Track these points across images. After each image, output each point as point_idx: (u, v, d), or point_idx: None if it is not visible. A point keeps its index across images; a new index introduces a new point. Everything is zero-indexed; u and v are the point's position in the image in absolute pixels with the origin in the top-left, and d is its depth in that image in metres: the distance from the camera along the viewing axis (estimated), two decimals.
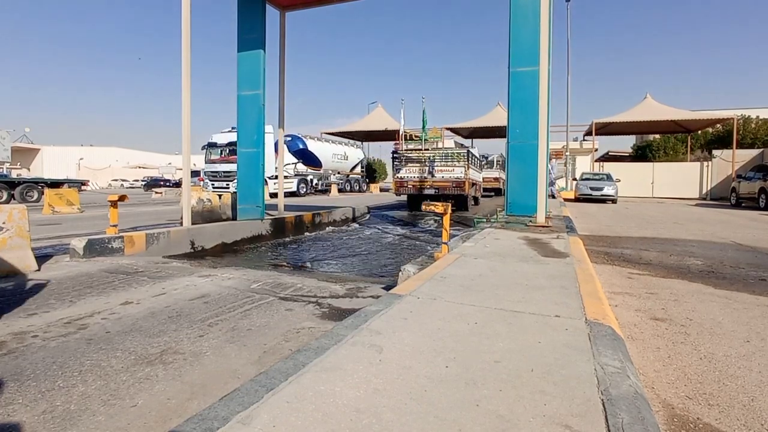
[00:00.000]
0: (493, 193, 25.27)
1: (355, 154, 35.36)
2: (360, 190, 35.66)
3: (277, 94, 10.56)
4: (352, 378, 1.86)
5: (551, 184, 16.67)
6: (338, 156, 32.45)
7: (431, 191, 15.10)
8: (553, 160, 18.78)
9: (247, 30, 9.47)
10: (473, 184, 16.14)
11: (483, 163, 21.73)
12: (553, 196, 16.62)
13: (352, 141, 38.26)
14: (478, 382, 1.85)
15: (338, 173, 32.97)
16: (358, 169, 36.51)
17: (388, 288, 4.28)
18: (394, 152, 16.49)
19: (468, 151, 15.84)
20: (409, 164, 15.59)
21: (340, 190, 31.77)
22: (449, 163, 15.06)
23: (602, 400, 1.69)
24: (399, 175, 15.81)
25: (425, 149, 16.16)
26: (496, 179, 24.74)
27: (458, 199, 14.90)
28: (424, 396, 1.72)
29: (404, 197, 16.71)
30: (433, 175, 15.10)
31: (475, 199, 17.14)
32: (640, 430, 1.48)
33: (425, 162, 15.34)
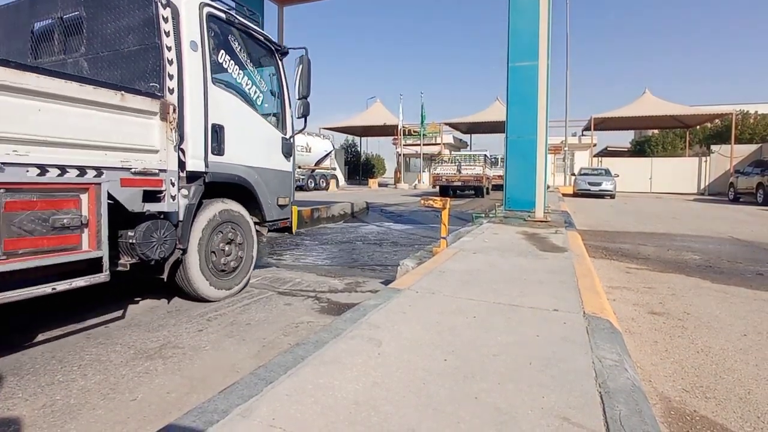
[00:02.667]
0: (497, 188, 26.42)
1: (321, 145, 30.45)
2: (327, 187, 29.18)
3: None
4: (351, 371, 1.87)
5: None
6: (298, 148, 28.15)
7: (459, 183, 20.79)
8: None
9: None
10: (488, 178, 21.65)
11: (492, 162, 25.01)
12: None
13: (319, 132, 33.18)
14: (476, 375, 1.86)
15: (299, 167, 27.32)
16: (327, 163, 31.41)
17: (386, 282, 4.29)
18: (432, 155, 24.65)
19: (485, 155, 22.04)
20: (444, 164, 21.82)
21: (301, 188, 26.25)
22: (471, 163, 20.93)
23: (600, 392, 1.70)
24: (436, 171, 21.58)
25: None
26: (500, 177, 25.62)
27: (477, 189, 21.03)
28: (423, 389, 1.73)
29: (406, 196, 20.74)
30: (460, 172, 20.62)
31: (487, 190, 22.00)
32: (637, 423, 1.49)
33: (455, 162, 21.38)
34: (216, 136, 3.60)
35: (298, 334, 3.11)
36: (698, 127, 32.26)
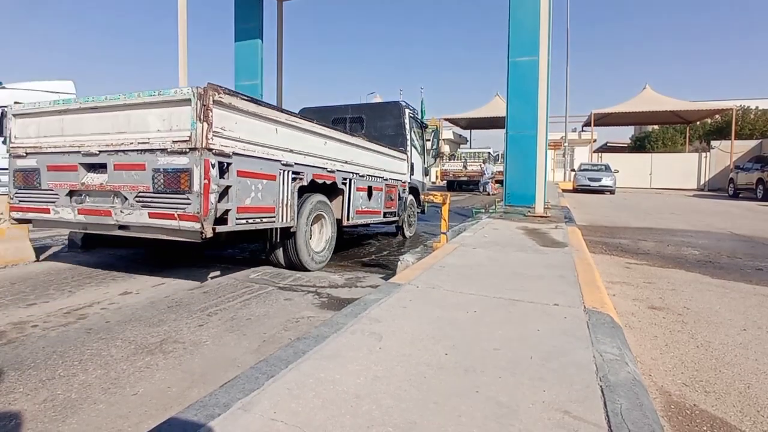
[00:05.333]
0: (499, 184, 26.74)
1: None
2: None
3: (275, 85, 10.50)
4: (352, 365, 1.87)
5: (485, 183, 21.89)
6: None
7: (464, 178, 23.13)
8: (485, 164, 23.17)
9: (243, 19, 9.38)
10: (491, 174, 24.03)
11: (494, 158, 26.18)
12: (488, 193, 21.09)
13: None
14: (477, 369, 1.86)
15: None
16: None
17: (387, 277, 4.29)
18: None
19: (488, 152, 24.82)
20: (451, 160, 25.09)
21: None
22: (476, 160, 23.36)
23: (601, 386, 1.71)
24: (445, 167, 24.87)
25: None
26: (500, 172, 25.99)
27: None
28: (424, 383, 1.73)
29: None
30: (466, 168, 23.05)
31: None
32: (638, 416, 1.49)
33: (461, 159, 24.11)
34: (412, 168, 7.91)
35: (298, 329, 3.11)
36: (698, 122, 32.17)
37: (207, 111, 3.42)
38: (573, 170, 23.99)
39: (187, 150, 3.46)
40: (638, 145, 38.45)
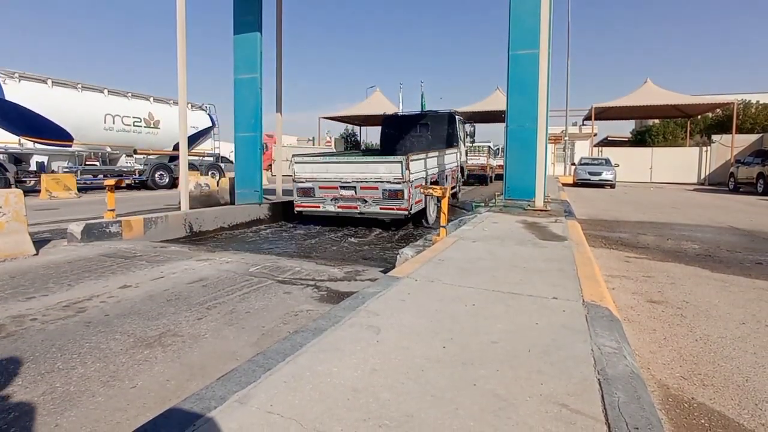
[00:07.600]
0: (499, 178, 27.23)
1: (191, 119, 17.16)
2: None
3: (275, 78, 10.44)
4: (350, 358, 1.87)
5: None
6: (128, 120, 16.34)
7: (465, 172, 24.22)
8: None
9: (242, 12, 9.30)
10: (491, 168, 24.54)
11: (494, 152, 26.52)
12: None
13: (192, 102, 18.83)
14: (475, 362, 1.86)
15: (138, 154, 16.85)
16: (208, 146, 20.26)
17: (386, 271, 4.28)
18: None
19: (488, 146, 24.88)
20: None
21: (143, 185, 16.70)
22: (476, 154, 23.29)
23: (599, 379, 1.70)
24: None
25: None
26: (502, 167, 25.97)
27: (481, 178, 23.58)
28: (422, 376, 1.73)
29: None
30: (466, 162, 23.89)
31: (490, 179, 24.26)
32: (635, 409, 1.49)
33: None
34: (459, 156, 12.78)
35: (297, 322, 3.11)
36: (699, 116, 32.05)
37: (408, 164, 7.46)
38: (573, 164, 23.93)
39: (401, 182, 7.49)
40: (639, 139, 38.36)
